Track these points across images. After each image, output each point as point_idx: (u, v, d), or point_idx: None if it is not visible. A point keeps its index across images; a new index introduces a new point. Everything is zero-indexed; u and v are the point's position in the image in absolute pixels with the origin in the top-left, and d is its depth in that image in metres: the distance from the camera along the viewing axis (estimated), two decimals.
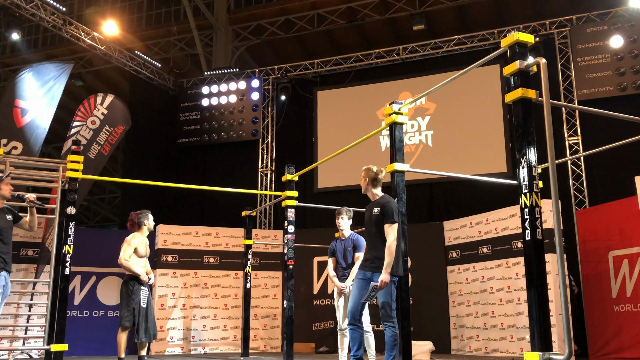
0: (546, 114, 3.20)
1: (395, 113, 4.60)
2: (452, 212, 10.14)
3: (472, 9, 12.24)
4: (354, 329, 4.61)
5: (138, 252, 6.05)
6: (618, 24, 9.87)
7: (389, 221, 4.52)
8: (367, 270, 4.64)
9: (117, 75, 14.82)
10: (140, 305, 5.94)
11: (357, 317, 4.59)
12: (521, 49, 3.30)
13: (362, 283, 4.62)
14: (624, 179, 7.97)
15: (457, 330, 9.06)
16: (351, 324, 4.61)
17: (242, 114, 12.25)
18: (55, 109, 8.85)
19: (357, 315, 4.58)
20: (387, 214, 4.55)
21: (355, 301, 4.59)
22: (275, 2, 12.97)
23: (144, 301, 5.98)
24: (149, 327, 5.99)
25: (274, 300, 9.92)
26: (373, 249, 4.64)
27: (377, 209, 4.64)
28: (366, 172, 4.79)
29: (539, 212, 3.09)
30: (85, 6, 14.78)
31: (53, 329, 6.06)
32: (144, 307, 5.95)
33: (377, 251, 4.56)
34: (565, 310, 3.04)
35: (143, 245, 6.12)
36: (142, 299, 5.97)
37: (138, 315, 5.92)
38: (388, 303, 4.46)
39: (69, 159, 6.36)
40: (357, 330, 4.61)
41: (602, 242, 7.91)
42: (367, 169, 4.79)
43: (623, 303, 7.49)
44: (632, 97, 9.59)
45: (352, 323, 4.60)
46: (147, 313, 5.99)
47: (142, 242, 6.13)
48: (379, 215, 4.60)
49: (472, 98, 10.73)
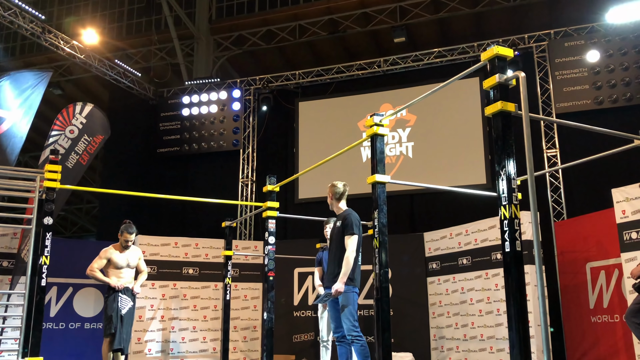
0: (525, 127, 3.23)
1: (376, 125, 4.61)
2: (433, 223, 10.17)
3: (453, 23, 12.38)
4: (341, 345, 4.62)
5: (113, 262, 6.07)
6: (595, 38, 10.05)
7: (348, 232, 4.60)
8: (328, 287, 4.70)
9: (96, 84, 14.68)
10: (119, 313, 5.91)
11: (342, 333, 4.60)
12: (500, 63, 3.32)
13: (332, 303, 4.68)
14: (601, 191, 8.08)
15: (437, 342, 9.07)
16: (338, 341, 4.63)
17: (223, 124, 12.21)
18: (33, 117, 8.74)
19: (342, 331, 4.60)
20: (347, 226, 4.62)
21: (337, 321, 4.63)
22: (257, 13, 13.00)
23: (123, 309, 5.93)
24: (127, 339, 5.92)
25: (254, 311, 9.85)
26: (332, 263, 4.73)
27: (339, 222, 4.72)
28: (331, 188, 4.95)
29: (518, 224, 3.11)
30: (64, 14, 14.66)
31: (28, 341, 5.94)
32: (122, 314, 5.92)
33: (337, 265, 4.63)
34: (543, 321, 3.06)
35: (120, 257, 6.11)
36: (120, 307, 5.93)
37: (116, 322, 5.88)
38: (350, 314, 4.48)
39: (46, 168, 6.26)
40: (344, 346, 4.62)
41: (580, 253, 8.00)
42: (332, 186, 4.96)
43: (600, 314, 7.57)
44: (608, 111, 9.75)
45: (339, 340, 4.62)
46: (126, 322, 5.94)
47: (118, 254, 6.15)
48: (340, 228, 4.67)
49: (453, 110, 10.83)
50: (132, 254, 6.33)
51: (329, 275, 4.74)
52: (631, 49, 9.75)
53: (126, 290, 6.10)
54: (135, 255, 6.37)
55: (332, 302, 4.68)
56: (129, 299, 6.02)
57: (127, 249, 6.29)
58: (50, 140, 8.67)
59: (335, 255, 4.71)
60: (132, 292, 6.15)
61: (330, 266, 4.77)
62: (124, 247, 6.27)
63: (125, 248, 6.27)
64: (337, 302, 4.63)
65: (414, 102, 4.62)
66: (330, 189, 4.98)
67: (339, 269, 4.57)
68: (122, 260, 6.15)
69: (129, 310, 5.98)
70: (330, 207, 4.96)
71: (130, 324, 6.05)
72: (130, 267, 6.23)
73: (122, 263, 6.15)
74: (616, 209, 7.05)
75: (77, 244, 12.07)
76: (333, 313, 4.68)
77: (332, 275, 4.68)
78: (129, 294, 6.05)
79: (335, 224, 4.77)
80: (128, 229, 6.29)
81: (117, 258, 6.11)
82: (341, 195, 4.88)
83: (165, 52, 13.65)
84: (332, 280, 4.67)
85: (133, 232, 6.34)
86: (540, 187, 9.79)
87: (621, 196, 7.02)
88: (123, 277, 6.13)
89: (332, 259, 4.74)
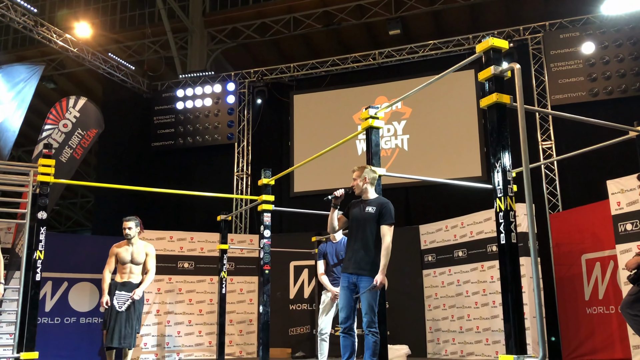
0: (520, 119, 3.21)
1: (371, 117, 4.59)
2: (428, 215, 10.17)
3: (448, 15, 12.35)
4: (346, 336, 4.56)
5: (119, 258, 6.07)
6: (590, 30, 10.04)
7: (387, 222, 4.50)
8: (352, 273, 4.51)
9: (90, 78, 14.59)
10: (115, 309, 5.88)
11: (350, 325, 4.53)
12: (495, 55, 3.31)
13: (348, 292, 4.52)
14: (596, 183, 8.09)
15: (433, 334, 9.09)
16: (345, 332, 4.56)
17: (218, 117, 12.16)
18: (26, 111, 8.69)
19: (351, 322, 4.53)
20: (385, 215, 4.51)
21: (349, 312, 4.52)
22: (252, 5, 12.92)
23: (120, 305, 5.90)
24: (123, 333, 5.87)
25: (250, 305, 9.85)
26: (360, 250, 4.49)
27: (371, 207, 4.58)
28: (364, 171, 4.61)
29: (513, 216, 3.10)
30: (57, 8, 14.53)
31: (23, 336, 5.92)
32: (119, 310, 5.88)
33: (365, 253, 4.48)
34: (539, 313, 3.06)
35: (124, 252, 6.09)
36: (117, 304, 5.90)
37: (109, 319, 5.86)
38: (372, 308, 4.39)
39: (40, 162, 6.22)
40: (349, 338, 4.56)
41: (575, 245, 8.01)
42: (366, 169, 4.57)
43: (595, 305, 7.59)
44: (603, 103, 9.75)
45: (347, 332, 4.55)
46: (126, 318, 5.89)
47: (124, 249, 6.11)
48: (374, 215, 4.54)
49: (448, 103, 10.81)
50: (138, 249, 6.21)
51: (350, 262, 4.49)
52: (626, 41, 9.74)
53: (124, 286, 6.05)
54: (141, 251, 6.23)
55: (348, 291, 4.54)
56: (128, 294, 5.97)
57: (131, 242, 6.19)
58: (44, 134, 8.62)
59: (363, 241, 4.45)
60: (134, 287, 6.05)
61: (354, 252, 4.50)
62: (128, 240, 6.19)
63: (128, 240, 6.19)
64: (354, 291, 4.51)
65: (409, 95, 4.60)
66: (364, 171, 4.61)
67: (367, 256, 4.44)
68: (126, 255, 6.10)
69: (131, 306, 5.93)
70: (358, 191, 4.64)
71: (134, 318, 5.97)
72: (135, 263, 6.13)
73: (126, 258, 6.09)
74: (611, 200, 7.06)
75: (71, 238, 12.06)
76: (347, 302, 4.54)
77: (357, 261, 4.46)
78: (128, 289, 6.00)
79: (365, 208, 4.58)
80: (125, 217, 6.23)
81: (121, 253, 6.08)
82: (375, 181, 4.72)
83: (158, 45, 13.57)
84: (355, 267, 4.46)
85: (129, 219, 6.21)
86: (536, 179, 9.79)
87: (616, 188, 7.03)
88: (127, 273, 6.07)
89: (359, 246, 4.48)
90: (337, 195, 4.71)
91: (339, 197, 4.71)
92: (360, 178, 4.64)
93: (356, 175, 4.67)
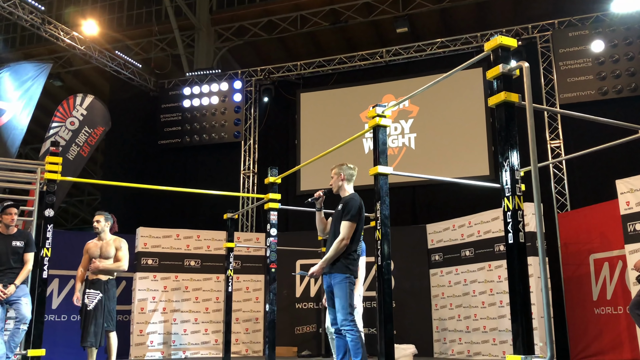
0: (528, 118, 3.18)
1: (378, 116, 4.55)
2: (435, 215, 10.14)
3: (455, 12, 12.29)
4: (338, 337, 4.56)
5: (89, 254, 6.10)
6: (599, 28, 9.95)
7: (345, 218, 4.45)
8: (326, 273, 4.51)
9: (96, 76, 14.63)
10: (86, 307, 5.87)
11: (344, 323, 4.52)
12: (504, 53, 3.27)
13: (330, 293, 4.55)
14: (605, 183, 8.03)
15: (439, 334, 9.06)
16: (336, 333, 4.57)
17: (224, 115, 12.16)
18: (34, 109, 8.71)
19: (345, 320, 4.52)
20: (345, 210, 4.48)
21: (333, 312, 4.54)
22: (258, 3, 12.91)
23: (91, 304, 5.87)
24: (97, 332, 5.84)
25: (256, 303, 9.85)
26: None
27: (340, 205, 4.58)
28: (341, 168, 4.62)
29: (521, 216, 3.07)
30: (64, 5, 14.58)
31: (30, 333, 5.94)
32: (89, 309, 5.86)
33: None
34: (547, 313, 3.03)
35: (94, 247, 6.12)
36: (88, 302, 5.88)
37: (83, 318, 5.86)
38: (344, 305, 4.37)
39: (47, 160, 6.23)
40: (341, 339, 4.56)
41: (583, 245, 7.96)
42: (343, 166, 4.63)
43: (603, 306, 7.54)
44: (613, 101, 9.67)
45: (337, 332, 4.56)
46: (93, 316, 5.86)
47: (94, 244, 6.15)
48: (339, 212, 4.54)
49: (455, 101, 10.76)
50: (107, 243, 6.20)
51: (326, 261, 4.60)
52: (636, 39, 9.65)
53: (93, 284, 6.03)
54: (110, 245, 6.20)
55: (329, 292, 4.57)
56: (97, 292, 5.95)
57: (100, 236, 6.20)
58: (51, 132, 8.65)
59: (334, 238, 4.54)
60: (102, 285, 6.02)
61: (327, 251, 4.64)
62: (97, 235, 6.21)
63: (98, 235, 6.21)
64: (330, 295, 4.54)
65: (417, 93, 4.56)
66: (340, 169, 4.64)
67: None
68: (96, 250, 6.12)
69: (98, 304, 5.91)
70: (336, 189, 4.67)
71: (101, 316, 5.94)
72: (104, 258, 6.13)
73: (95, 253, 6.11)
74: (620, 200, 7.01)
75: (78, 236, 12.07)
76: (331, 303, 4.59)
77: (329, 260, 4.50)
78: (97, 287, 5.99)
79: (338, 206, 4.61)
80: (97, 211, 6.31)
81: (92, 249, 6.12)
82: (352, 177, 4.70)
83: (165, 43, 13.58)
84: (329, 265, 4.51)
85: (99, 213, 6.16)
86: (544, 178, 9.72)
87: (625, 187, 6.97)
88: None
89: (331, 244, 4.53)
90: (316, 197, 4.72)
91: (318, 198, 4.72)
92: (337, 175, 4.65)
93: (333, 173, 4.72)
